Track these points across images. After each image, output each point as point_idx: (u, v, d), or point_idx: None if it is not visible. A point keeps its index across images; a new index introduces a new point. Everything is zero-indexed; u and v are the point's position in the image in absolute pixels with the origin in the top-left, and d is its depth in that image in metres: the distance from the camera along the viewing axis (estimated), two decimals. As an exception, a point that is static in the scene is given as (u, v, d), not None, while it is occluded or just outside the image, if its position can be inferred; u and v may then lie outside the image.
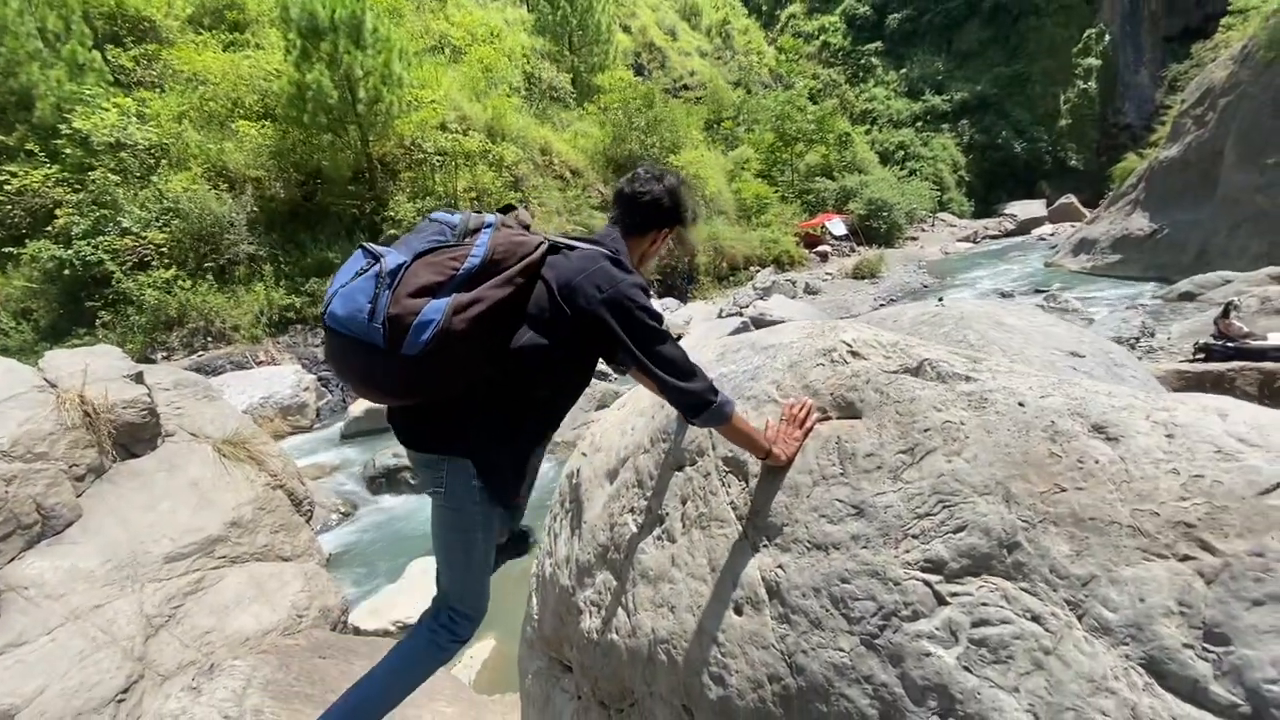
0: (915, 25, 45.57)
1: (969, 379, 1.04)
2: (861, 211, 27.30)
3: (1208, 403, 0.84)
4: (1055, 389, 0.95)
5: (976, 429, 0.95)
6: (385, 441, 8.02)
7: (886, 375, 1.13)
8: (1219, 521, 0.72)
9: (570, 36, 20.59)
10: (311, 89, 11.04)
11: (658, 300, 15.31)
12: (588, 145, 17.35)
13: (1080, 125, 41.76)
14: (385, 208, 12.47)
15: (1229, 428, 0.78)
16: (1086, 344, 2.75)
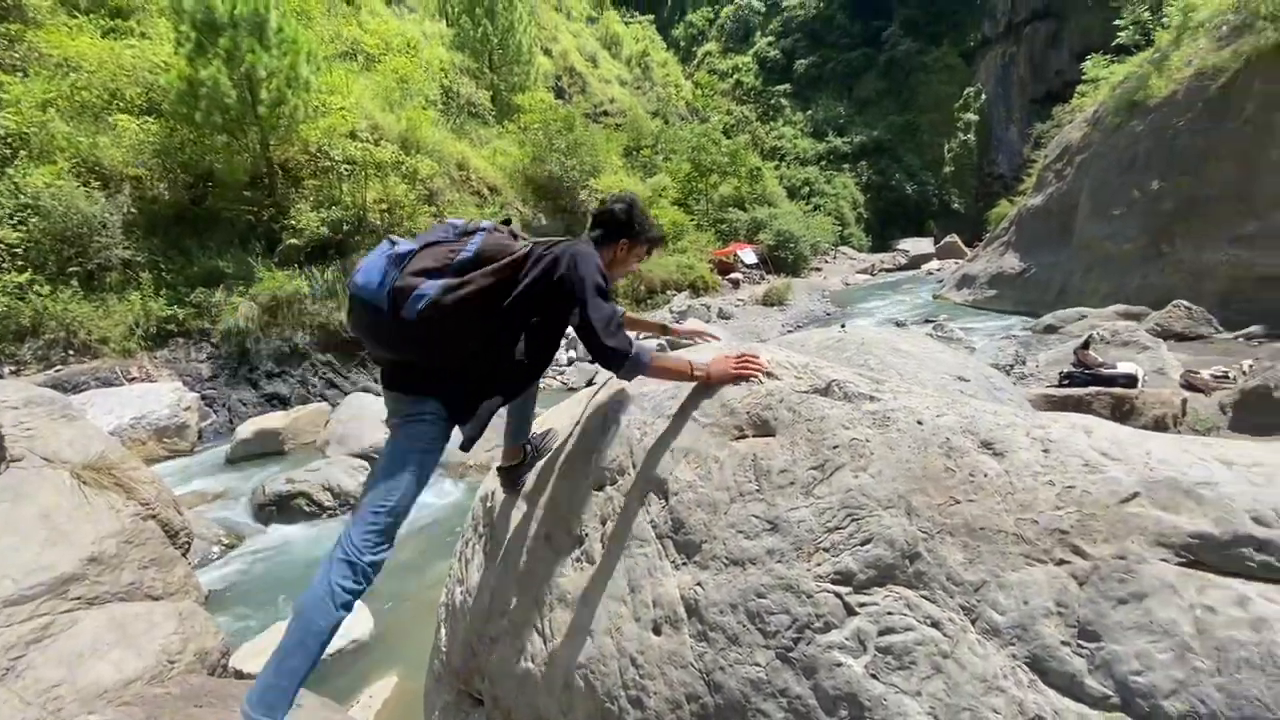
0: (820, 72, 48.90)
1: (873, 399, 1.11)
2: (771, 242, 28.65)
3: (1075, 421, 0.94)
4: (949, 408, 1.03)
5: (880, 446, 1.01)
6: (277, 465, 7.44)
7: (798, 395, 1.19)
8: (1088, 528, 0.80)
9: (491, 54, 20.45)
10: (206, 86, 10.27)
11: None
12: (506, 163, 17.19)
13: (961, 172, 46.13)
14: (285, 215, 11.72)
15: (1094, 443, 0.88)
16: (970, 369, 3.01)
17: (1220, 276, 12.18)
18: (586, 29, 36.66)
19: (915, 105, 46.69)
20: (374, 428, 7.77)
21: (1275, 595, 0.71)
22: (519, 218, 16.16)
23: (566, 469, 1.50)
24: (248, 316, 10.12)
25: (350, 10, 18.68)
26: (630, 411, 1.45)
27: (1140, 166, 14.45)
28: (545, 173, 17.44)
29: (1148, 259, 13.99)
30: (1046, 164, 19.91)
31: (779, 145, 46.72)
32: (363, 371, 10.95)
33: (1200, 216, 12.75)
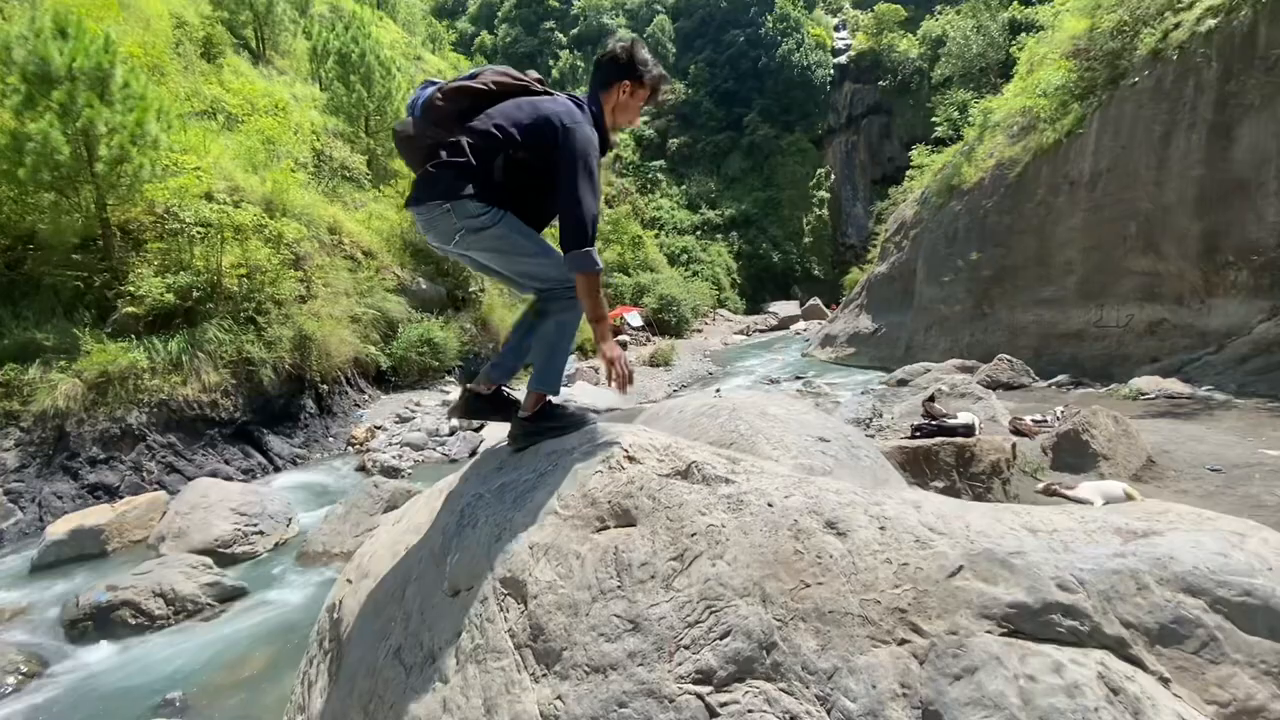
0: (692, 151, 52.76)
1: (728, 481, 1.13)
2: (654, 305, 29.70)
3: (907, 495, 1.00)
4: (796, 488, 1.06)
5: (735, 531, 1.02)
6: (97, 570, 6.30)
7: (659, 480, 1.18)
8: (923, 605, 0.84)
9: (367, 119, 20.07)
10: (34, 141, 9.11)
11: (459, 386, 14.68)
12: (383, 227, 16.62)
13: (819, 242, 51.00)
14: (123, 281, 10.44)
15: (923, 518, 0.94)
16: (831, 430, 3.21)
17: (1031, 334, 14.16)
18: (468, 100, 37.13)
19: (776, 183, 51.47)
20: (221, 516, 6.86)
21: (1082, 659, 0.78)
22: (395, 281, 15.56)
23: (421, 573, 1.37)
24: (69, 395, 8.74)
25: (211, 69, 17.68)
26: (489, 506, 1.36)
27: (961, 240, 16.72)
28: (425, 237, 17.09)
29: (974, 319, 16.01)
30: (887, 236, 22.52)
31: (658, 215, 49.26)
32: (210, 452, 9.75)
33: (1011, 282, 14.89)
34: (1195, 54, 10.81)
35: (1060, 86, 14.13)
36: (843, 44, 55.31)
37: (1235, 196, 10.07)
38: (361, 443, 10.99)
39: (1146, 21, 12.23)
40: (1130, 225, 11.80)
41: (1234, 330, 9.89)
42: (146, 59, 12.95)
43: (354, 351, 12.85)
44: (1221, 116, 10.31)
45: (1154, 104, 11.53)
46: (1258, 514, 4.91)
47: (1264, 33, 9.82)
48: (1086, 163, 12.92)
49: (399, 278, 15.84)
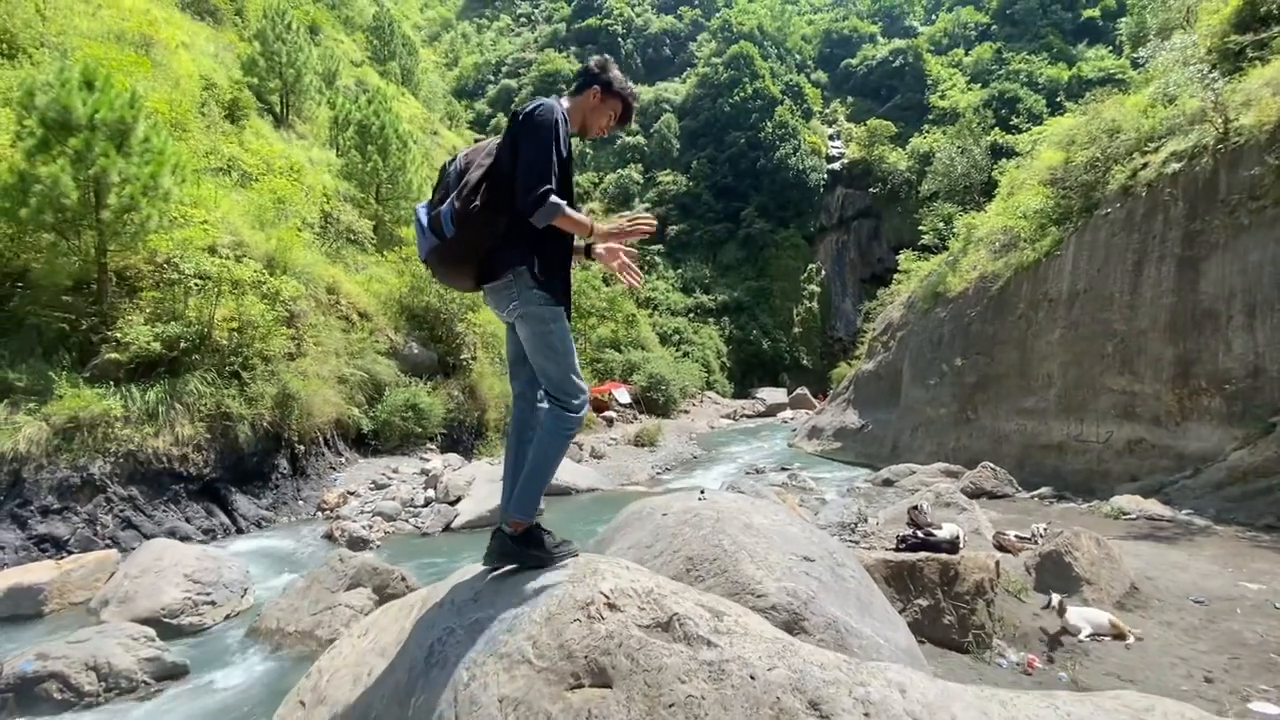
0: (689, 238, 54.76)
1: (710, 644, 1.10)
2: (644, 383, 29.80)
3: (891, 676, 0.98)
4: (780, 659, 1.04)
5: (715, 705, 0.98)
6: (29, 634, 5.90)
7: (639, 636, 1.15)
8: (906, 810, 0.81)
9: (379, 187, 20.80)
10: (42, 184, 9.31)
11: (439, 455, 14.42)
12: (382, 291, 16.85)
13: (808, 333, 52.13)
14: (110, 326, 10.40)
15: (908, 705, 0.92)
16: (816, 547, 3.16)
17: (1014, 442, 14.28)
18: (478, 174, 38.65)
19: (768, 274, 53.18)
20: (172, 582, 6.51)
21: None
22: (388, 344, 15.60)
23: (381, 713, 1.29)
24: (32, 439, 8.49)
25: (233, 129, 18.42)
26: (460, 644, 1.30)
27: (946, 345, 17.15)
28: (423, 303, 17.28)
29: (959, 423, 16.16)
30: (875, 336, 23.06)
31: (653, 296, 50.38)
32: (172, 508, 9.39)
33: (994, 390, 15.16)
34: (1163, 192, 11.58)
35: (1039, 210, 14.99)
36: (836, 152, 58.82)
37: (1205, 326, 10.50)
38: (332, 508, 10.65)
39: (1117, 160, 13.17)
40: (1107, 345, 12.20)
41: (1209, 455, 10.03)
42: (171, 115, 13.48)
43: (337, 412, 12.68)
44: (1189, 251, 10.92)
45: (1126, 234, 12.21)
46: (1241, 650, 4.82)
47: (1224, 178, 10.58)
48: (1065, 282, 13.50)
49: (392, 341, 15.89)
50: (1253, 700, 3.92)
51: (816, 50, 70.10)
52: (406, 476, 12.39)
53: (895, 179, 51.18)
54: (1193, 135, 11.36)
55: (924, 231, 26.94)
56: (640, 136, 60.34)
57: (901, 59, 62.91)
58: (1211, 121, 10.95)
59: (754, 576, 2.42)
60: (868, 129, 56.77)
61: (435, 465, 12.84)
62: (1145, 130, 12.80)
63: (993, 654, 4.79)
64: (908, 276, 24.58)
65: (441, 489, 11.28)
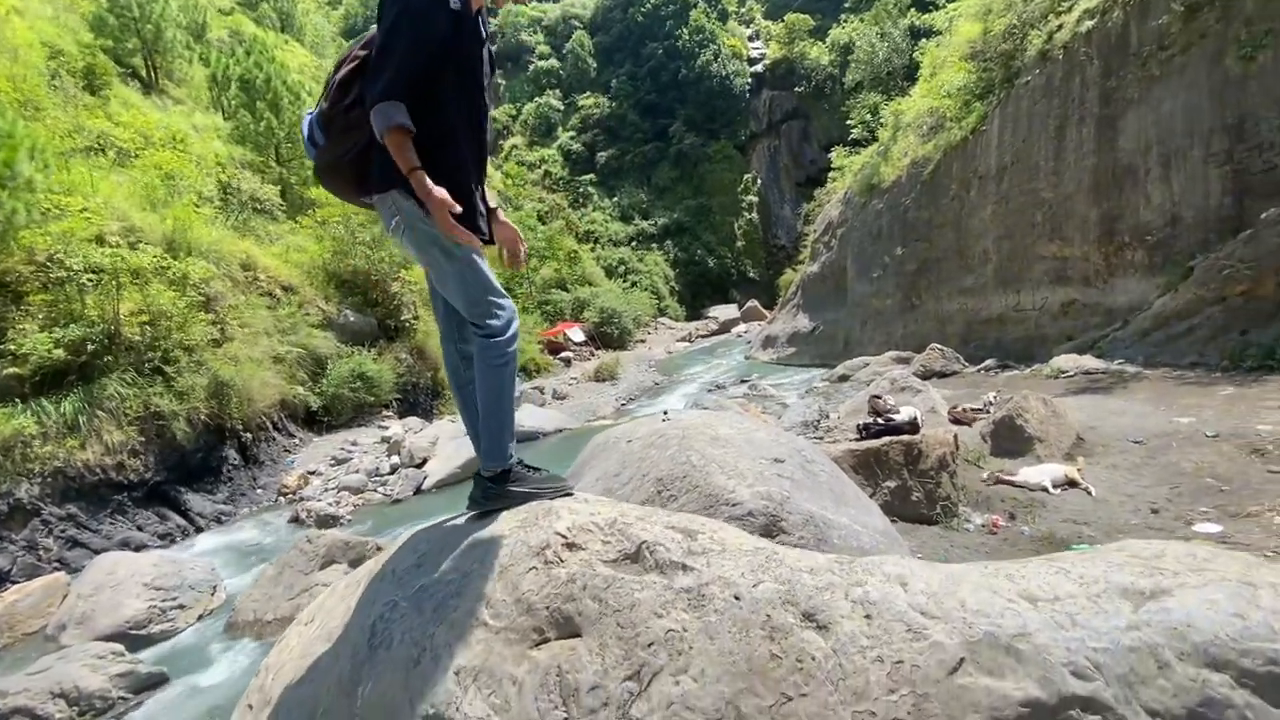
0: (620, 163, 53.04)
1: (685, 568, 0.98)
2: (596, 319, 29.49)
3: (890, 570, 0.88)
4: (765, 571, 0.93)
5: (700, 635, 0.86)
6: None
7: (605, 574, 1.01)
8: (924, 712, 0.72)
9: (278, 148, 19.09)
10: None
11: (398, 420, 14.05)
12: (303, 260, 15.76)
13: (752, 246, 52.14)
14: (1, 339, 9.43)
15: (911, 599, 0.82)
16: (784, 447, 3.13)
17: (957, 321, 14.79)
18: (386, 122, 36.10)
19: (705, 190, 52.37)
20: (132, 594, 6.20)
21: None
22: (320, 316, 14.77)
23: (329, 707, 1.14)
24: (-61, 474, 7.78)
25: (96, 101, 16.39)
26: (405, 618, 1.14)
27: (885, 236, 17.35)
28: (350, 267, 16.31)
29: (905, 311, 16.61)
30: (816, 237, 23.16)
31: (592, 229, 49.18)
32: (119, 519, 8.89)
33: (935, 274, 15.53)
34: (1078, 53, 11.60)
35: (962, 87, 14.90)
36: (757, 53, 57.03)
37: (1126, 182, 10.82)
38: (294, 491, 10.29)
39: (1033, 24, 13.06)
40: (1036, 214, 12.51)
41: (1136, 306, 10.57)
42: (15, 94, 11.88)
43: (279, 394, 12.08)
44: (1107, 109, 11.07)
45: (1047, 100, 12.29)
46: (1180, 479, 5.18)
47: (1134, 31, 10.62)
48: (992, 157, 13.64)
49: (324, 312, 15.05)
50: (1195, 523, 4.22)
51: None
52: (367, 447, 12.05)
53: (819, 75, 50.15)
54: (1104, -11, 11.29)
55: (852, 125, 26.70)
56: (554, 59, 57.12)
57: (811, -57, 60.40)
58: (1121, -28, 10.87)
59: (726, 486, 2.34)
60: (786, 25, 54.93)
61: (395, 431, 12.50)
62: (1058, -10, 12.67)
63: (960, 520, 5.03)
64: (842, 173, 24.52)
65: (406, 453, 11.02)
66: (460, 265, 1.71)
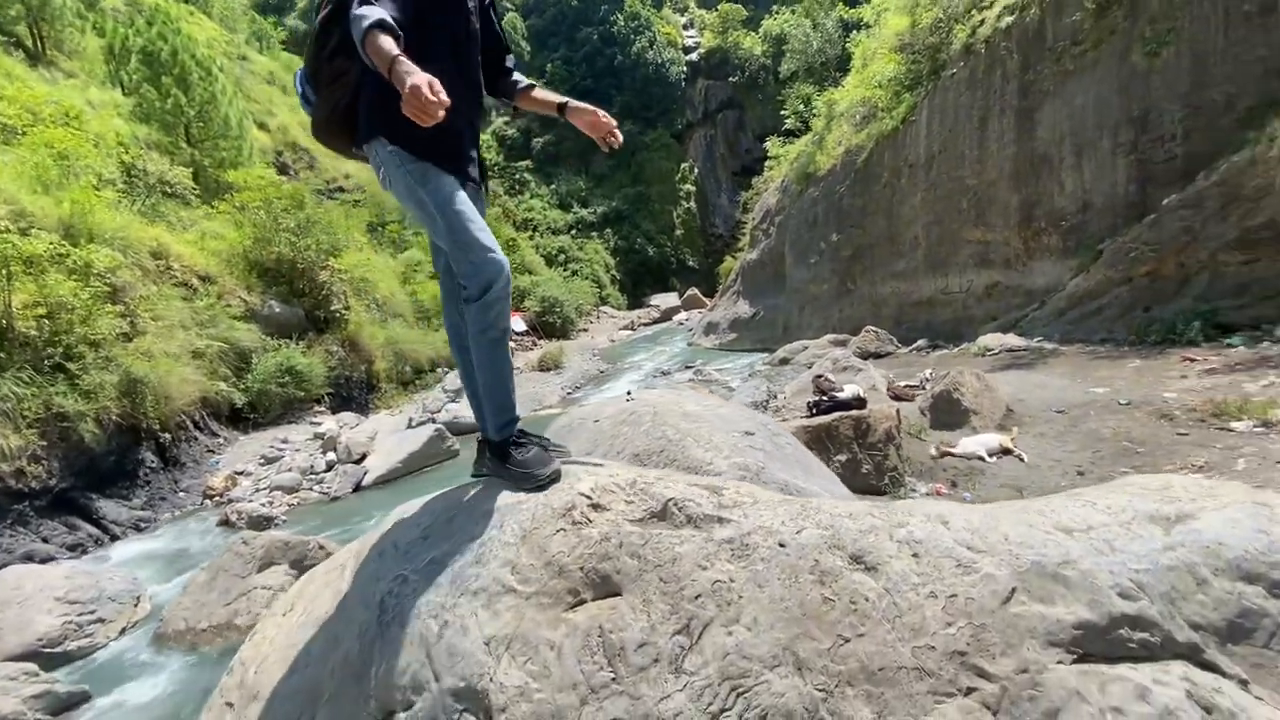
0: (557, 150, 52.23)
1: (721, 520, 0.95)
2: (537, 309, 29.06)
3: (930, 510, 0.89)
4: (805, 518, 0.92)
5: (748, 584, 0.84)
6: None
7: (638, 531, 0.97)
8: (983, 643, 0.72)
9: (188, 128, 17.69)
10: None
11: (332, 415, 13.43)
12: (221, 248, 14.71)
13: (690, 234, 52.64)
14: None
15: (956, 536, 0.83)
16: (752, 421, 3.17)
17: (890, 304, 15.42)
18: (308, 103, 34.12)
19: (643, 178, 52.39)
20: (42, 610, 5.67)
21: (1164, 677, 0.70)
22: (243, 307, 13.86)
23: (336, 692, 1.04)
24: None
25: (-31, 71, 14.70)
26: (418, 591, 1.06)
27: (821, 223, 17.86)
28: (273, 255, 15.37)
29: (841, 295, 17.18)
30: (755, 224, 23.58)
31: (530, 217, 48.33)
32: (21, 531, 8.10)
33: (869, 259, 16.12)
34: (999, 47, 12.23)
35: (892, 78, 15.44)
36: (692, 42, 57.28)
37: (1042, 170, 11.52)
38: (220, 493, 9.67)
39: (957, 19, 13.66)
40: (963, 201, 13.16)
41: (1052, 287, 11.31)
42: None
43: (200, 390, 11.29)
44: (1025, 101, 11.74)
45: (970, 92, 12.91)
46: (1101, 444, 5.60)
47: (1050, 27, 11.28)
48: (921, 146, 14.23)
49: (246, 303, 14.14)
50: (1117, 480, 4.57)
51: (657, -69, 66.17)
52: (300, 444, 11.47)
53: (753, 65, 50.93)
54: (1021, -13, 11.92)
55: (786, 115, 27.24)
56: (486, 43, 55.25)
57: (743, -66, 61.04)
58: (1037, -29, 11.50)
59: (704, 458, 2.34)
60: (719, 14, 55.39)
61: (329, 427, 11.94)
62: (980, -14, 13.28)
63: (906, 490, 5.26)
64: (778, 162, 25.00)
65: (343, 449, 10.56)
66: (434, 214, 1.60)
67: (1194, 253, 8.54)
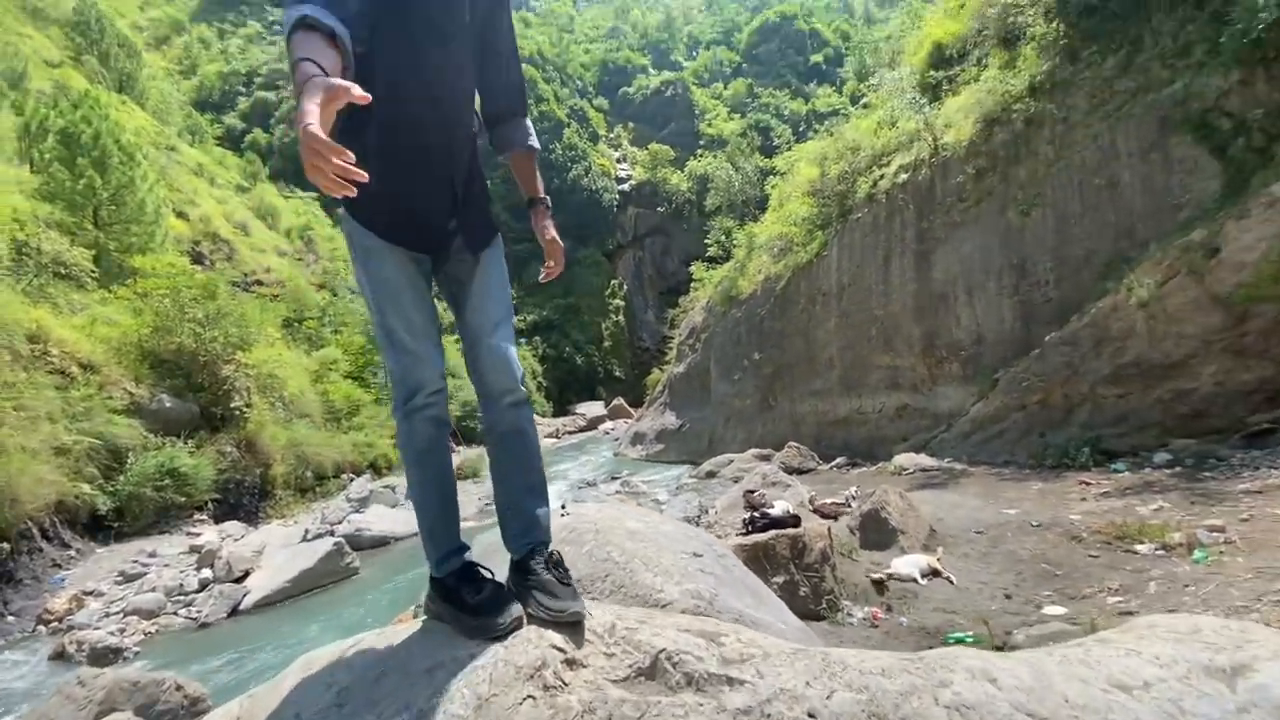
0: (492, 255, 53.47)
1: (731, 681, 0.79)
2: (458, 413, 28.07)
3: (969, 664, 0.77)
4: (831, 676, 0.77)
5: (777, 770, 0.68)
6: None
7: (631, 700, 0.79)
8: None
9: (98, 210, 16.80)
10: None
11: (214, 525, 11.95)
12: (112, 335, 13.50)
13: (618, 346, 53.90)
14: None
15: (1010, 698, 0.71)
16: (697, 541, 3.00)
17: (809, 422, 15.96)
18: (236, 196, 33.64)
19: (575, 291, 54.05)
20: None
21: None
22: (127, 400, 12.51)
23: None
24: None
25: None
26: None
27: (744, 341, 18.69)
28: (173, 345, 14.24)
29: (763, 410, 17.67)
30: (682, 339, 24.42)
31: (455, 320, 48.14)
32: None
33: (789, 377, 16.83)
34: (897, 198, 13.85)
35: (806, 218, 17.06)
36: (624, 173, 61.91)
37: (940, 306, 12.71)
38: (60, 618, 8.13)
39: (860, 173, 15.49)
40: (872, 329, 14.21)
41: (957, 411, 12.10)
42: None
43: (57, 493, 9.83)
44: (922, 245, 13.16)
45: (874, 234, 14.38)
46: (1022, 566, 5.73)
47: (939, 185, 12.95)
48: (833, 278, 15.48)
49: (133, 395, 12.84)
50: (1044, 606, 4.62)
51: (596, 78, 73.24)
52: (170, 558, 10.03)
53: (679, 199, 55.38)
54: (913, 151, 13.77)
55: (709, 244, 29.35)
56: (427, 156, 57.41)
57: (672, 90, 68.48)
58: (924, 140, 13.38)
59: (654, 584, 2.14)
60: (650, 153, 60.64)
61: (209, 539, 10.57)
62: (878, 148, 15.24)
63: (844, 615, 5.09)
64: (703, 284, 26.48)
65: (221, 565, 9.28)
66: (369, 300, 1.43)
67: (1076, 385, 9.44)
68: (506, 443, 1.55)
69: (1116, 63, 10.37)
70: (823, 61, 69.25)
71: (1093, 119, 10.39)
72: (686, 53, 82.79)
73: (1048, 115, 10.91)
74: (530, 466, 1.55)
